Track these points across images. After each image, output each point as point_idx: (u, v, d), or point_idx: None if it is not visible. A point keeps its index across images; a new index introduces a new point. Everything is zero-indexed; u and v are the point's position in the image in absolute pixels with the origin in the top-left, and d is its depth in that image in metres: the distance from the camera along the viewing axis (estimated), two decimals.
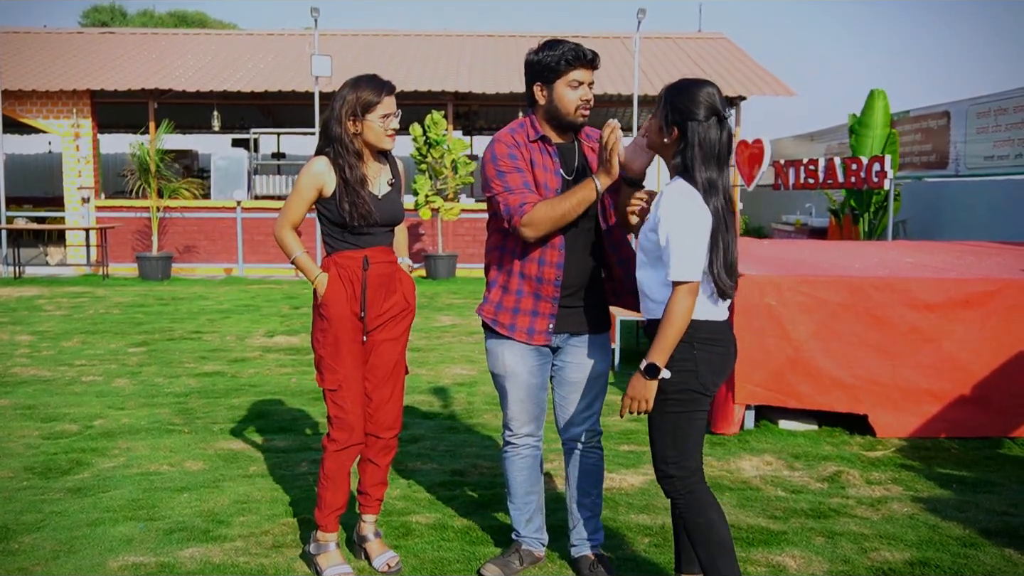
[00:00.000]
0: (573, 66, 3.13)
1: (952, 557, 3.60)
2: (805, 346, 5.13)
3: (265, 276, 14.86)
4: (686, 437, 2.84)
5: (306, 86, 15.10)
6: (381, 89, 3.37)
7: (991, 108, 12.11)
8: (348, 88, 3.37)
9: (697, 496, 2.85)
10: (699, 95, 2.79)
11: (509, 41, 18.84)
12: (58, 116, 15.45)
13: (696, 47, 18.27)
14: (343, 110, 3.34)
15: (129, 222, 15.29)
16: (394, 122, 3.40)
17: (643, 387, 2.78)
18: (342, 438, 3.42)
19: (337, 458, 3.44)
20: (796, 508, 4.13)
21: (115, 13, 37.77)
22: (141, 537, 3.76)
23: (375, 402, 3.51)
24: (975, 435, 5.15)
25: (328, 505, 3.46)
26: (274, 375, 7.00)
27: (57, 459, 4.82)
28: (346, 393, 3.41)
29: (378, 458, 3.57)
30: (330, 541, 3.48)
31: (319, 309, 3.44)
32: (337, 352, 3.41)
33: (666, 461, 2.86)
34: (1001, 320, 5.11)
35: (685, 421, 2.83)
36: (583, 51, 3.15)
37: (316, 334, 3.48)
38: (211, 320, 9.84)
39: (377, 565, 3.50)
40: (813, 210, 15.48)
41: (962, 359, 5.13)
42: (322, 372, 3.45)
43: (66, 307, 10.85)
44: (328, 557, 3.44)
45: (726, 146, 2.80)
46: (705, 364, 2.81)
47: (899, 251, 7.25)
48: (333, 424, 3.44)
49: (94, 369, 7.20)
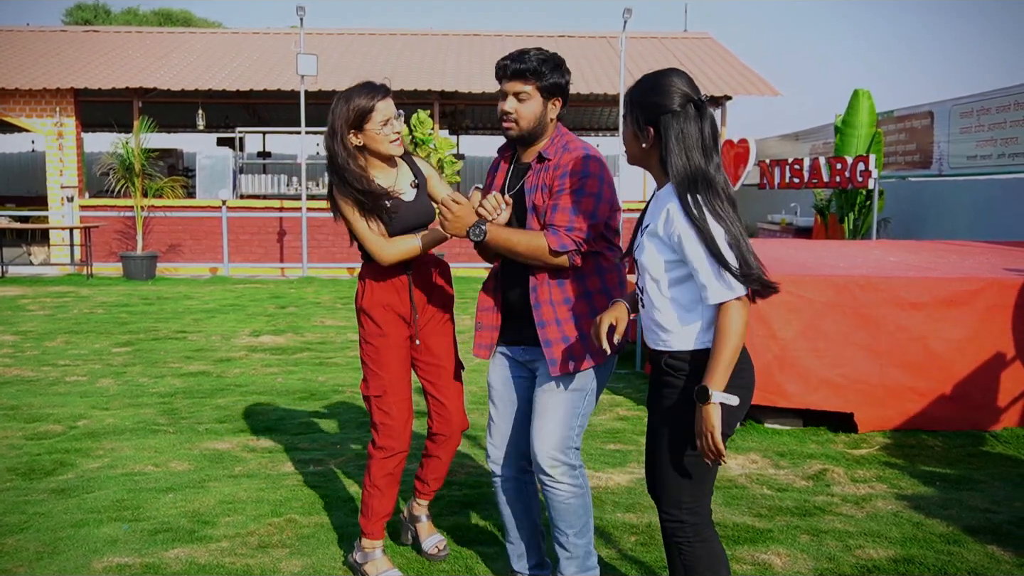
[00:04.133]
0: (497, 77, 3.05)
1: (936, 554, 3.63)
2: (792, 345, 5.16)
3: (251, 276, 14.81)
4: (703, 481, 2.56)
5: (291, 85, 15.06)
6: (374, 94, 3.23)
7: (974, 108, 12.20)
8: (340, 102, 3.22)
9: (709, 547, 2.58)
10: (667, 84, 2.45)
11: (495, 40, 18.84)
12: (41, 115, 15.35)
13: (682, 47, 18.31)
14: (340, 125, 3.19)
15: (113, 221, 15.21)
16: (396, 125, 3.27)
17: (703, 417, 2.38)
18: (389, 445, 3.32)
19: (384, 466, 3.33)
20: (781, 506, 4.15)
21: (99, 11, 37.52)
22: (126, 538, 3.74)
23: (438, 399, 3.44)
24: (956, 429, 5.20)
25: (375, 513, 3.38)
26: (260, 375, 6.98)
27: (41, 460, 4.79)
28: (391, 398, 3.32)
29: (445, 454, 3.52)
30: (376, 548, 3.40)
31: (362, 314, 3.36)
32: (381, 357, 3.32)
33: (680, 506, 2.56)
34: (983, 318, 5.15)
35: (707, 465, 2.51)
36: (504, 61, 3.03)
37: (360, 341, 3.41)
38: (196, 320, 9.80)
39: (426, 547, 3.55)
40: (798, 209, 15.55)
41: (946, 357, 5.17)
42: (366, 379, 3.37)
43: (50, 307, 10.78)
44: (376, 564, 3.37)
45: (710, 135, 2.44)
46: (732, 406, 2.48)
47: (883, 250, 7.29)
48: (380, 431, 3.33)
49: (78, 369, 7.16)
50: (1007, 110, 11.53)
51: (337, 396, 6.28)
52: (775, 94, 15.63)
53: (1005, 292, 5.17)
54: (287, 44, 17.13)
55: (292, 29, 18.93)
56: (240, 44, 18.24)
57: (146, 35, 19.17)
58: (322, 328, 9.25)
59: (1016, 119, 11.37)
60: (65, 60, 16.45)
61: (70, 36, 18.55)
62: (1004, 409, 5.20)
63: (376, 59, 17.12)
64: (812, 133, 17.09)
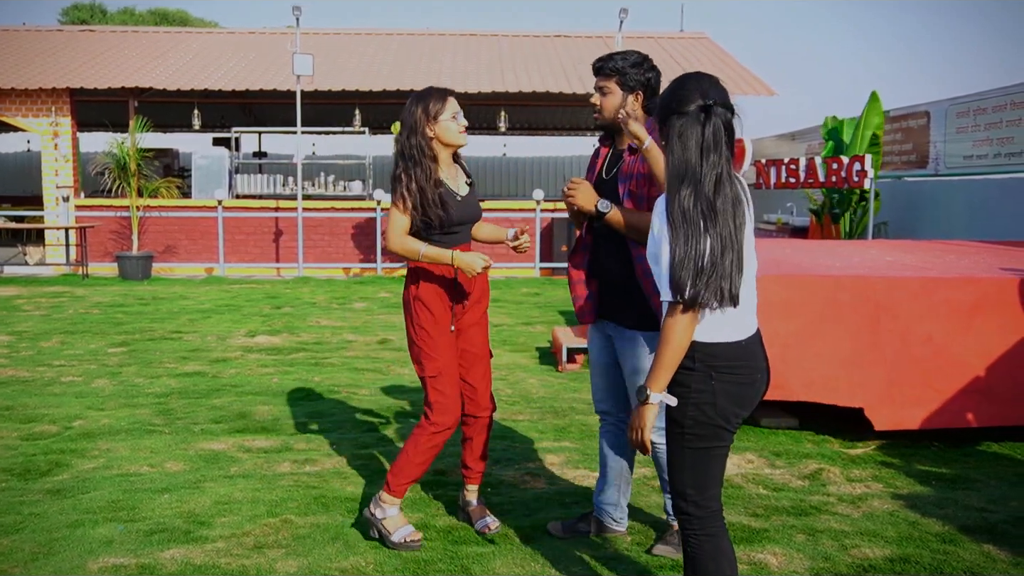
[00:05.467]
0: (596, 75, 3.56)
1: (932, 553, 3.63)
2: (792, 341, 5.15)
3: (246, 276, 14.78)
4: (705, 474, 2.57)
5: (288, 85, 15.04)
6: (444, 93, 3.70)
7: (970, 108, 12.22)
8: (415, 101, 3.68)
9: (716, 543, 2.59)
10: (680, 88, 2.54)
11: (492, 40, 18.83)
12: (37, 114, 15.31)
13: (678, 46, 18.31)
14: (420, 118, 3.64)
15: (109, 221, 15.17)
16: (462, 119, 3.71)
17: (636, 414, 2.54)
18: (442, 421, 3.67)
19: (433, 439, 3.68)
20: (778, 506, 4.15)
21: (95, 11, 37.46)
22: (121, 539, 3.73)
23: (471, 384, 3.82)
24: (960, 426, 5.18)
25: (406, 476, 3.72)
26: (255, 375, 6.97)
27: (36, 460, 4.78)
28: (446, 379, 3.69)
29: (478, 436, 3.89)
30: (395, 505, 3.74)
31: (417, 302, 3.72)
32: (435, 342, 3.69)
33: (685, 497, 2.60)
34: (983, 318, 5.15)
35: (704, 457, 2.55)
36: (596, 61, 3.55)
37: (414, 327, 3.74)
38: (192, 320, 9.78)
39: (478, 528, 3.82)
40: (794, 209, 15.57)
41: (944, 356, 5.16)
42: (421, 362, 3.72)
43: (45, 307, 10.76)
44: (395, 520, 3.70)
45: (712, 136, 2.45)
46: (725, 396, 2.52)
47: (879, 250, 7.30)
48: (434, 408, 3.68)
49: (73, 369, 7.15)
50: (1003, 110, 11.54)
51: (333, 396, 6.28)
52: (771, 94, 15.63)
53: (1002, 292, 5.17)
54: (283, 44, 17.09)
55: (288, 29, 18.92)
56: (236, 44, 18.21)
57: (142, 35, 19.13)
58: (318, 328, 9.24)
59: (1012, 119, 11.38)
60: (61, 60, 16.41)
61: (66, 36, 18.51)
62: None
63: (373, 59, 17.10)
64: (808, 133, 17.11)
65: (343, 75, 15.90)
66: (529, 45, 18.47)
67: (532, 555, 3.61)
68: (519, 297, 11.60)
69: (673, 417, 2.56)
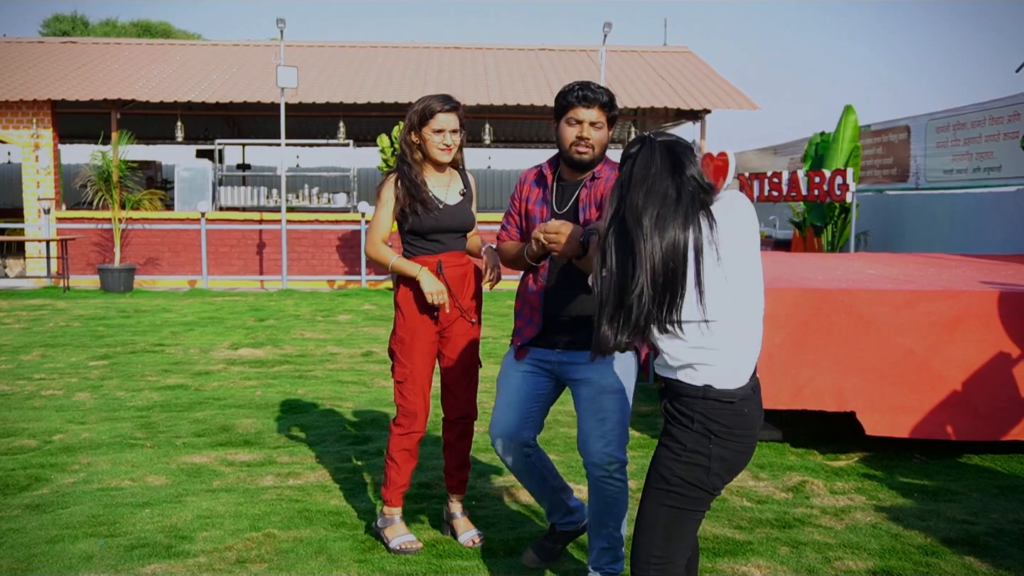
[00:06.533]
0: (573, 104, 3.20)
1: (914, 565, 3.64)
2: (777, 353, 5.17)
3: (230, 288, 14.72)
4: (679, 539, 2.37)
5: (271, 97, 15.03)
6: (443, 104, 3.68)
7: (950, 123, 12.35)
8: (417, 102, 3.74)
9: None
10: None
11: (476, 54, 18.89)
12: (18, 126, 15.22)
13: (661, 60, 18.43)
14: (410, 121, 3.71)
15: (91, 234, 15.09)
16: (448, 138, 3.69)
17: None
18: (405, 423, 3.80)
19: (400, 441, 3.81)
20: (761, 518, 4.16)
21: (77, 23, 37.34)
22: (102, 554, 3.70)
23: (453, 391, 3.88)
24: (941, 438, 5.22)
25: (392, 483, 3.84)
26: (238, 388, 6.93)
27: (15, 475, 4.72)
28: (411, 386, 3.78)
29: (458, 443, 3.93)
30: (395, 515, 3.86)
31: (397, 309, 3.81)
32: (408, 348, 3.78)
33: (649, 561, 2.36)
34: (964, 330, 5.18)
35: (682, 520, 2.36)
36: (583, 91, 3.19)
37: (393, 330, 3.84)
38: (174, 333, 9.72)
39: (462, 540, 3.86)
40: (777, 222, 15.67)
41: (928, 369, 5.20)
42: (393, 366, 3.84)
43: (25, 320, 10.67)
44: (395, 528, 3.82)
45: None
46: (720, 461, 2.33)
47: (862, 263, 7.34)
48: (398, 411, 3.83)
49: (54, 383, 7.08)
50: (981, 125, 11.67)
51: (316, 409, 6.25)
52: (754, 108, 15.75)
53: (983, 304, 5.21)
54: (267, 56, 17.10)
55: (272, 41, 18.92)
56: (220, 56, 18.19)
57: (125, 47, 19.07)
58: (301, 341, 9.21)
59: (991, 134, 11.51)
60: (42, 72, 16.34)
61: (47, 47, 18.44)
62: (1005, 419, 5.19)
63: (357, 72, 17.11)
64: (790, 146, 17.23)
65: (328, 88, 15.90)
66: (514, 58, 18.54)
67: (517, 568, 3.60)
68: (504, 310, 11.59)
69: (660, 473, 2.36)
